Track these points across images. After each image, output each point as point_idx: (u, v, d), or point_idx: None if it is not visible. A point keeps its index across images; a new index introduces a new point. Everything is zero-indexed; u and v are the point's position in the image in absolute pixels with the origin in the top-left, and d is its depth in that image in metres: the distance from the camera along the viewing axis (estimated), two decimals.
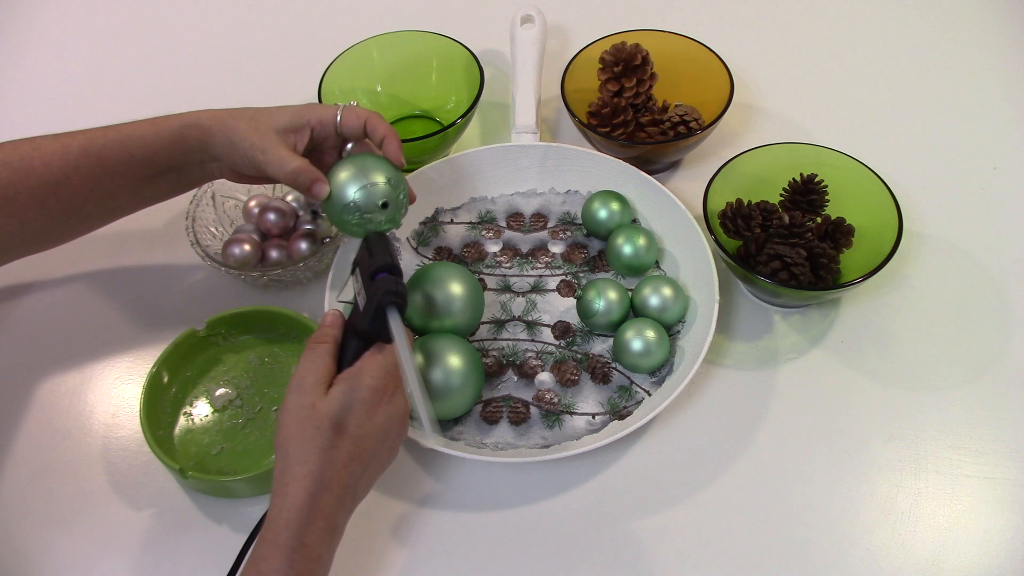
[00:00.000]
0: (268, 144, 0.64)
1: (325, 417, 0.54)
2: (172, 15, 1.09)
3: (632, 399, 0.70)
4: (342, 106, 0.67)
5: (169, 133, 0.65)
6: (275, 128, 0.65)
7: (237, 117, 0.65)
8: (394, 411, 0.57)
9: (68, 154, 0.63)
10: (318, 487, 0.52)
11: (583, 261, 0.79)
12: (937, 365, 0.72)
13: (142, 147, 0.65)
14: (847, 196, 0.75)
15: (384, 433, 0.56)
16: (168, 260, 0.82)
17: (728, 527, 0.64)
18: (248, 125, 0.64)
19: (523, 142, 0.82)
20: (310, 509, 0.52)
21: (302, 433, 0.54)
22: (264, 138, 0.64)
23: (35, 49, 1.05)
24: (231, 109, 0.66)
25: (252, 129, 0.64)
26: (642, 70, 0.83)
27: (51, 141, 0.64)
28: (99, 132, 0.65)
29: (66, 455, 0.70)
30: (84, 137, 0.64)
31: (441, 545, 0.64)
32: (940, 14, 1.01)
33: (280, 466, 0.54)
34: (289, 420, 0.54)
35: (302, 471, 0.52)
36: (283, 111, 0.66)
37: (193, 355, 0.72)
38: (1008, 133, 0.89)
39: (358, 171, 0.64)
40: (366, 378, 0.56)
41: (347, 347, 0.59)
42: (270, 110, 0.66)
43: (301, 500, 0.52)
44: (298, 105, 0.67)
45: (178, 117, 0.65)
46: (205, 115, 0.65)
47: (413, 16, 0.99)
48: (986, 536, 0.63)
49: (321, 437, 0.53)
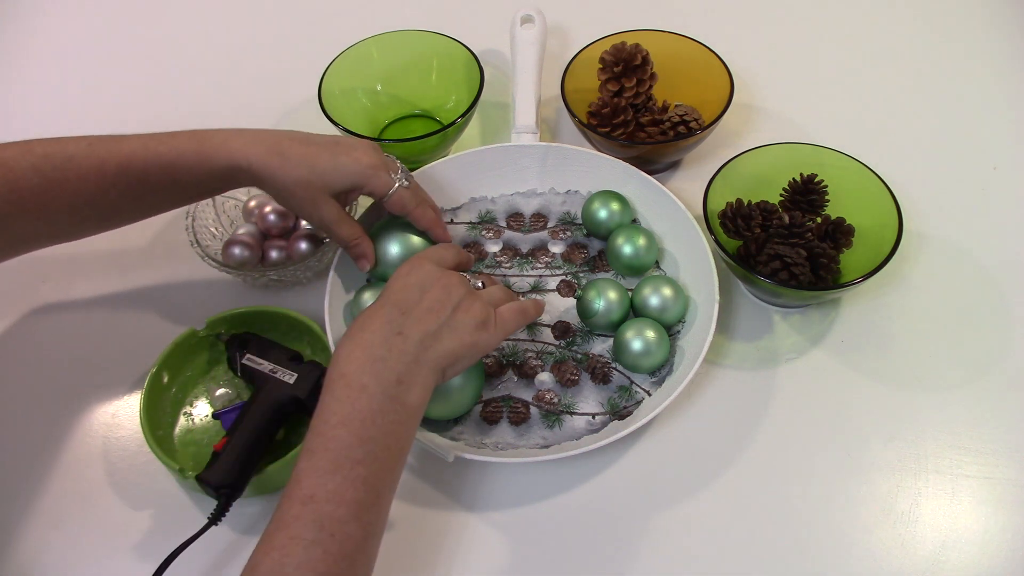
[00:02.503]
0: (321, 205, 0.66)
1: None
2: (172, 15, 1.09)
3: (632, 399, 0.70)
4: (397, 186, 0.68)
5: (218, 170, 0.63)
6: (330, 191, 0.65)
7: (289, 165, 0.63)
8: (425, 273, 0.60)
9: (105, 172, 0.61)
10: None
11: (583, 261, 0.79)
12: (937, 365, 0.72)
13: (187, 175, 0.63)
14: (847, 196, 0.75)
15: (420, 289, 0.59)
16: (168, 260, 0.82)
17: (728, 527, 0.64)
18: (301, 183, 0.64)
19: (523, 142, 0.82)
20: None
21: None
22: (316, 200, 0.65)
23: (36, 45, 1.05)
24: (280, 145, 0.64)
25: (304, 187, 0.64)
26: (642, 70, 0.83)
27: (85, 154, 0.61)
28: (138, 151, 0.62)
29: (66, 455, 0.70)
30: (121, 154, 0.62)
31: (441, 545, 0.64)
32: (940, 14, 1.01)
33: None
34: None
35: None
36: (339, 170, 0.65)
37: (193, 355, 0.72)
38: (1008, 133, 0.89)
39: (406, 252, 0.72)
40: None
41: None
42: (324, 161, 0.65)
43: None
44: (355, 164, 0.66)
45: (226, 150, 0.63)
46: (255, 156, 0.63)
47: (413, 16, 0.99)
48: (986, 536, 0.63)
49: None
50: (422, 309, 0.58)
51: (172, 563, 0.59)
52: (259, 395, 0.66)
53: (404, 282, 0.60)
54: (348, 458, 0.52)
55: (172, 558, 0.59)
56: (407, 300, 0.59)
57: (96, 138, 0.62)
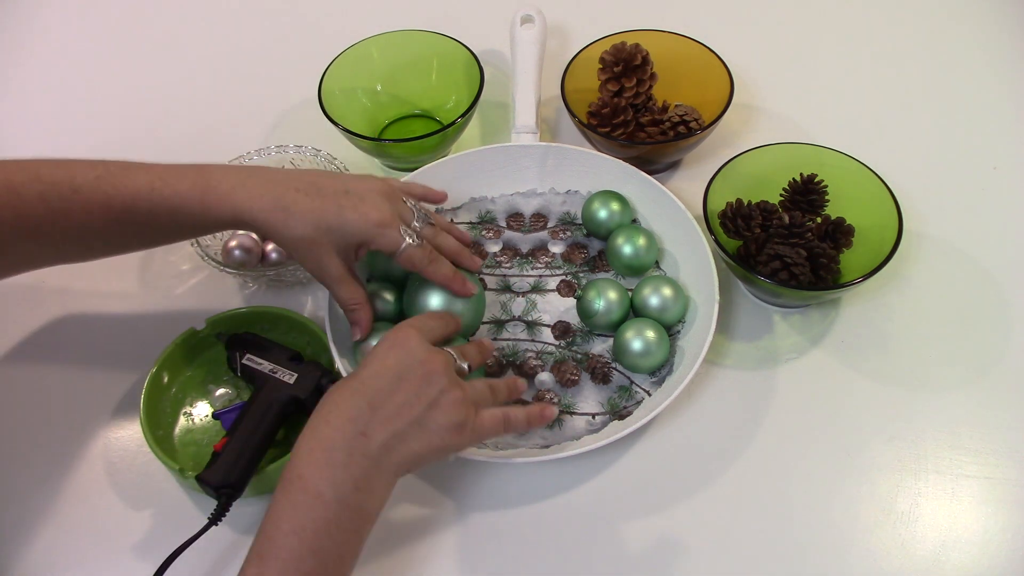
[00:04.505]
0: (324, 262, 0.63)
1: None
2: (172, 14, 1.09)
3: (632, 399, 0.70)
4: (405, 245, 0.64)
5: (222, 221, 0.61)
6: (335, 248, 0.63)
7: (292, 220, 0.61)
8: (407, 354, 0.57)
9: (110, 208, 0.60)
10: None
11: (583, 261, 0.79)
12: (937, 365, 0.72)
13: (192, 220, 0.61)
14: (847, 196, 0.75)
15: (397, 378, 0.55)
16: (168, 260, 0.82)
17: (728, 527, 0.64)
18: (305, 240, 0.62)
19: (523, 142, 0.82)
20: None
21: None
22: (320, 258, 0.63)
23: (36, 46, 1.05)
24: (285, 198, 0.61)
25: (308, 244, 0.62)
26: (642, 70, 0.83)
27: (92, 187, 0.59)
28: (143, 191, 0.60)
29: (66, 455, 0.70)
30: (127, 194, 0.59)
31: (440, 545, 0.64)
32: (940, 14, 1.01)
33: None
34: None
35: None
36: (345, 227, 0.62)
37: (193, 355, 0.72)
38: (1008, 133, 0.89)
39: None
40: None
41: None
42: (330, 218, 0.62)
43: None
44: (362, 221, 0.63)
45: (230, 203, 0.60)
46: (259, 212, 0.61)
47: (413, 16, 0.99)
48: (986, 536, 0.63)
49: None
50: (394, 405, 0.54)
51: (172, 563, 0.59)
52: (259, 395, 0.66)
53: (381, 364, 0.56)
54: (298, 570, 0.50)
55: (172, 558, 0.59)
56: (379, 391, 0.55)
57: (104, 169, 0.60)
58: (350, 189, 0.64)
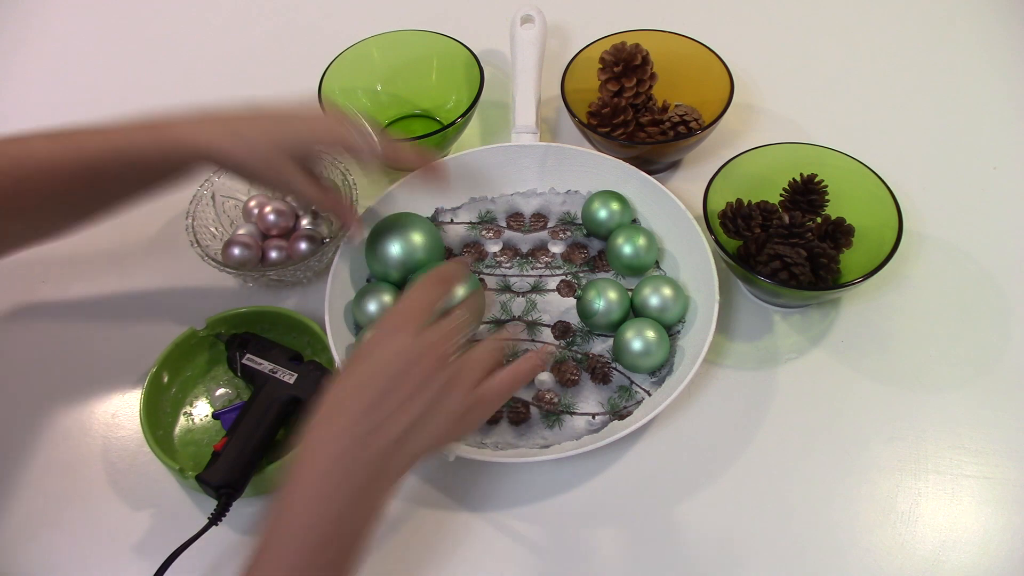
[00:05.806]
0: (285, 172, 0.65)
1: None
2: (172, 14, 1.09)
3: (632, 399, 0.70)
4: (352, 133, 0.66)
5: (178, 160, 0.63)
6: (292, 157, 0.65)
7: (249, 144, 0.63)
8: (399, 345, 0.54)
9: (75, 173, 0.61)
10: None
11: (583, 261, 0.79)
12: (937, 365, 0.72)
13: (155, 167, 0.63)
14: (847, 196, 0.75)
15: (392, 378, 0.52)
16: (168, 260, 0.81)
17: (728, 527, 0.64)
18: (265, 159, 0.63)
19: (523, 142, 0.82)
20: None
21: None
22: (281, 170, 0.65)
23: (35, 44, 1.05)
24: (231, 124, 0.64)
25: (268, 162, 0.64)
26: (642, 70, 0.83)
27: (47, 151, 0.61)
28: (103, 148, 0.62)
29: (66, 455, 0.70)
30: (80, 149, 0.61)
31: (440, 545, 0.64)
32: (940, 14, 1.01)
33: None
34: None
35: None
36: (295, 133, 0.65)
37: (193, 355, 0.72)
38: (1008, 133, 0.89)
39: (407, 251, 0.73)
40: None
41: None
42: (279, 131, 0.64)
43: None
44: (307, 123, 0.66)
45: (190, 142, 0.62)
46: (216, 142, 0.63)
47: (413, 16, 0.99)
48: (986, 536, 0.63)
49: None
50: (390, 405, 0.52)
51: (172, 563, 0.59)
52: (259, 395, 0.66)
53: (373, 365, 0.53)
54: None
55: (172, 558, 0.59)
56: (372, 395, 0.52)
57: (61, 135, 0.62)
58: (293, 109, 0.67)
